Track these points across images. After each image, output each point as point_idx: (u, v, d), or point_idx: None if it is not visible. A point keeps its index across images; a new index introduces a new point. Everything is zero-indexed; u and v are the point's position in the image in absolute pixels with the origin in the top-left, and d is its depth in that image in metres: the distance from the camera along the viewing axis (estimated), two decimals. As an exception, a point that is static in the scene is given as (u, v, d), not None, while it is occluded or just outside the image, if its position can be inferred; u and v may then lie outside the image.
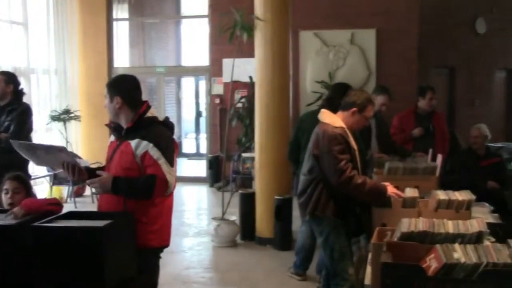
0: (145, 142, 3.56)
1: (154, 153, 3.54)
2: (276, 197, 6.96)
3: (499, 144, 10.04)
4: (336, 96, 5.31)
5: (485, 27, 11.69)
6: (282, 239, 7.03)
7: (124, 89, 3.72)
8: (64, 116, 10.61)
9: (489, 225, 4.15)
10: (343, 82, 6.24)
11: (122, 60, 13.33)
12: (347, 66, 10.84)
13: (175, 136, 3.86)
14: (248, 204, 7.42)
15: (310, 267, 6.03)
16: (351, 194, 4.20)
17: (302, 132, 5.64)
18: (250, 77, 9.91)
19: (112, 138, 3.85)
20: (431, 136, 6.81)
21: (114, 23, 12.72)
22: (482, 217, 3.76)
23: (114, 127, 3.77)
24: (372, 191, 4.14)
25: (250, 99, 9.42)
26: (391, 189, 4.18)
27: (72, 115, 10.74)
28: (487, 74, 12.14)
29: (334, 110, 4.52)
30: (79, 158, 5.83)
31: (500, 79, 12.64)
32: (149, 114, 3.70)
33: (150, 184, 3.52)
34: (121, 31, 13.30)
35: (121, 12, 13.16)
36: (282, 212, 6.95)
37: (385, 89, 6.67)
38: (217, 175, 11.29)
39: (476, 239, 3.00)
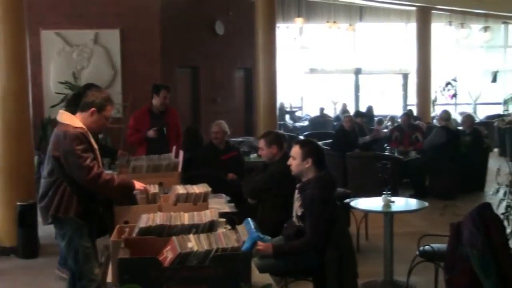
0: None
1: None
2: (19, 203, 6.64)
3: (240, 139, 10.70)
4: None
5: (223, 29, 12.37)
6: (27, 246, 6.72)
7: None
8: None
9: (226, 214, 4.49)
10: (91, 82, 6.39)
11: None
12: (92, 66, 10.70)
13: None
14: (-12, 213, 6.99)
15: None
16: (99, 191, 4.23)
17: None
18: (-13, 80, 9.30)
19: None
20: (164, 135, 7.05)
21: None
22: (217, 208, 4.03)
23: None
24: (121, 186, 4.22)
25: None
26: (138, 185, 4.29)
27: None
28: (227, 73, 12.85)
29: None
30: None
31: (239, 77, 13.48)
32: None
33: None
34: None
35: None
36: (26, 218, 6.66)
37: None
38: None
39: (209, 228, 3.22)
